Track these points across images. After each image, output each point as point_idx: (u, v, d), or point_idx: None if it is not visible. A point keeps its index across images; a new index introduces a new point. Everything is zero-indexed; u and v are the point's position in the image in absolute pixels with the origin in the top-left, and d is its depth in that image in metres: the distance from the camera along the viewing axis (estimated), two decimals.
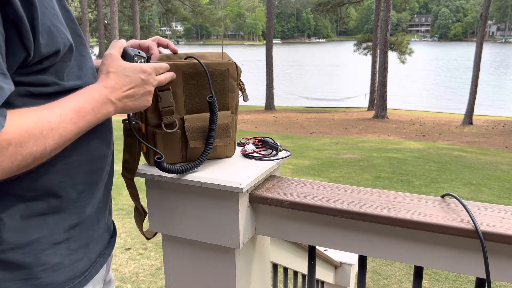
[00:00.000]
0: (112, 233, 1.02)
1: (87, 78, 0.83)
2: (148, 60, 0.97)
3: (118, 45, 0.90)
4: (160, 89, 0.97)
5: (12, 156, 0.63)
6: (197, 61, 0.99)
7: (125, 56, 0.90)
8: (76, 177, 0.83)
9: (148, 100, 0.89)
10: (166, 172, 0.98)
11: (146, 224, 1.17)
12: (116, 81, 0.83)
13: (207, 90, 1.01)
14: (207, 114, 1.01)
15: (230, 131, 1.05)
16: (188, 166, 0.99)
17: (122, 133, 1.03)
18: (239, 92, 1.08)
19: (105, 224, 0.96)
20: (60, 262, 0.81)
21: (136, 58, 0.91)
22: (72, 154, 0.80)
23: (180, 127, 1.01)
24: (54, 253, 0.80)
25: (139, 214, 1.17)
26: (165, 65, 0.94)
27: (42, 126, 0.68)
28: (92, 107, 0.77)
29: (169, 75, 0.95)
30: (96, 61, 1.02)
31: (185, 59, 1.00)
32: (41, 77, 0.73)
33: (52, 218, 0.80)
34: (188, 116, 1.01)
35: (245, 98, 1.09)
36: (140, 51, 0.94)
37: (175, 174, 1.00)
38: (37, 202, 0.78)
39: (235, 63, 1.03)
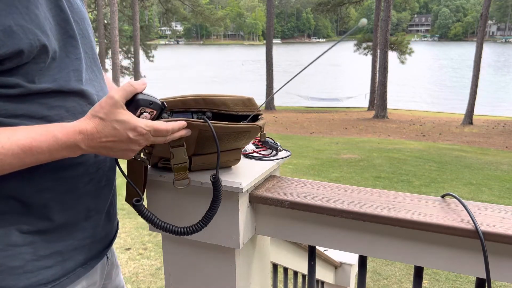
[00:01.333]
0: (108, 244, 0.98)
1: (62, 82, 0.79)
2: (161, 113, 0.82)
3: (129, 90, 0.76)
4: (173, 145, 0.87)
5: None
6: (213, 123, 0.87)
7: (132, 103, 0.76)
8: (42, 184, 0.79)
9: (128, 155, 0.80)
10: (143, 218, 0.88)
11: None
12: (98, 129, 0.74)
13: (222, 146, 0.93)
14: (214, 157, 0.95)
15: (234, 164, 1.04)
16: (170, 227, 0.88)
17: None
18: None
19: (93, 234, 0.91)
20: (20, 266, 0.78)
21: (142, 110, 0.77)
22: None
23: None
24: (13, 256, 0.77)
25: None
26: (178, 124, 0.81)
27: None
28: (50, 149, 0.71)
29: (177, 135, 0.83)
30: (109, 83, 0.99)
31: (203, 120, 0.87)
32: (3, 79, 0.71)
33: (9, 219, 0.77)
34: (195, 158, 0.96)
35: (262, 138, 1.03)
36: (156, 100, 0.79)
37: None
38: None
39: (260, 126, 0.94)
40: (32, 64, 0.73)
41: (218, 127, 0.87)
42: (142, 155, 0.94)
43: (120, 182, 1.17)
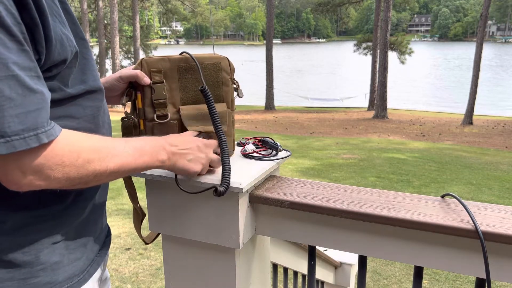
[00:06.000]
0: (107, 233, 1.03)
1: (91, 82, 0.84)
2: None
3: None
4: (154, 82, 1.00)
5: (79, 168, 0.70)
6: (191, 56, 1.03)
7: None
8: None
9: (197, 167, 0.93)
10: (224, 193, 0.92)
11: (145, 229, 1.17)
12: (175, 141, 0.90)
13: (201, 83, 1.03)
14: (202, 106, 1.04)
15: (226, 119, 1.06)
16: (227, 175, 0.94)
17: (121, 132, 1.04)
18: (234, 91, 1.09)
19: (101, 224, 0.97)
20: (59, 261, 0.82)
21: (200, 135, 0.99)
22: None
23: (177, 119, 1.03)
24: (53, 252, 0.81)
25: (137, 216, 1.17)
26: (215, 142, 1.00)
27: (108, 150, 0.75)
28: (151, 151, 0.84)
29: (217, 159, 0.99)
30: (105, 78, 1.05)
31: (180, 54, 1.04)
32: (49, 83, 0.74)
33: (53, 220, 0.81)
34: (183, 107, 1.04)
35: (240, 94, 1.10)
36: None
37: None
38: (43, 207, 0.79)
39: (227, 58, 1.06)
40: (66, 69, 0.76)
41: (191, 59, 1.02)
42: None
43: (121, 183, 1.17)
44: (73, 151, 0.69)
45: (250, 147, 1.14)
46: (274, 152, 1.14)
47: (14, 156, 0.64)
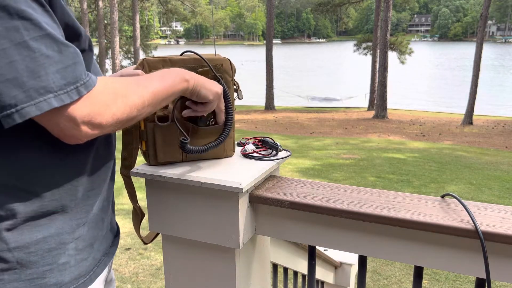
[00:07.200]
0: (116, 232, 1.02)
1: (97, 75, 0.84)
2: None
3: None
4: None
5: (121, 106, 0.73)
6: (193, 57, 1.01)
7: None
8: (86, 175, 0.84)
9: (212, 97, 0.94)
10: (190, 153, 0.99)
11: (144, 229, 1.17)
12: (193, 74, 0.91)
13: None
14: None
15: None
16: (210, 145, 1.01)
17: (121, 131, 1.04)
18: (234, 92, 1.09)
19: (109, 223, 0.96)
20: (66, 262, 0.82)
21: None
22: (81, 151, 0.81)
23: (178, 120, 1.02)
24: (63, 253, 0.81)
25: (137, 216, 1.17)
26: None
27: (137, 84, 0.79)
28: (174, 74, 0.87)
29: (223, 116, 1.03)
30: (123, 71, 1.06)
31: (181, 54, 1.03)
32: None
33: (62, 217, 0.80)
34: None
35: (240, 96, 1.10)
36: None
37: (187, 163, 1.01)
38: (51, 200, 0.78)
39: (229, 59, 1.06)
40: (85, 55, 0.78)
41: (193, 60, 1.01)
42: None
43: (121, 183, 1.17)
44: (110, 92, 0.73)
45: (250, 147, 1.14)
46: (274, 152, 1.14)
47: (63, 110, 0.67)
